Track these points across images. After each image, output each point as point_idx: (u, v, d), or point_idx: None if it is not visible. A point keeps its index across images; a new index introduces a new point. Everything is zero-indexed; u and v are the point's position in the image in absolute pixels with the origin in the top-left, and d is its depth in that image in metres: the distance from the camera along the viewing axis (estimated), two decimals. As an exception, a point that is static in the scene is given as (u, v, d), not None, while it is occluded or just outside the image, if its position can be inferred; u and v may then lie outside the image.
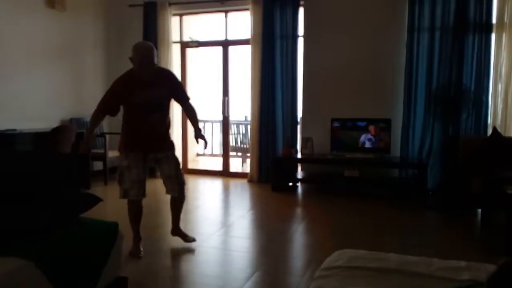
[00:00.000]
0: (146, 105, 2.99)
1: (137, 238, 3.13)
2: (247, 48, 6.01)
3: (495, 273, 1.16)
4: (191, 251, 3.18)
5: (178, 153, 4.19)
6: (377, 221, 4.15)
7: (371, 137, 5.27)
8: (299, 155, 5.65)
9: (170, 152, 3.17)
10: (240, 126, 7.67)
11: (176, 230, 3.32)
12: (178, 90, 3.22)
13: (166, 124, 3.20)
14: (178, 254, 3.16)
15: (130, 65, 3.04)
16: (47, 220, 1.87)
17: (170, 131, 3.33)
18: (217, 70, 6.57)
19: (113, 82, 3.09)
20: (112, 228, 2.14)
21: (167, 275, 2.82)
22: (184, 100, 3.24)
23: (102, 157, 5.73)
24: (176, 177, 3.12)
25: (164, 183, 3.17)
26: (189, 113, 3.27)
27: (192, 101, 3.28)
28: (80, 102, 6.10)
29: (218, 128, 8.03)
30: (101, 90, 6.43)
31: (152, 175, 6.39)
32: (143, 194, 3.05)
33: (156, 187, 5.76)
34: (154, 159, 3.13)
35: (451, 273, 1.61)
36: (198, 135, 3.21)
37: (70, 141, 4.98)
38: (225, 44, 6.42)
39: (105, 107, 3.04)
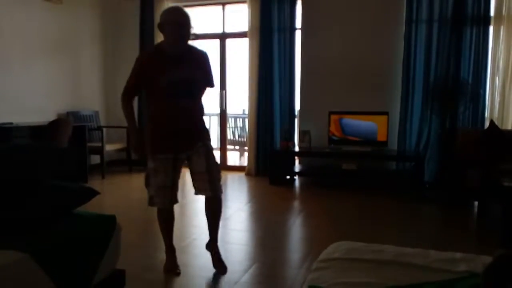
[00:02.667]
0: (176, 87, 2.46)
1: (170, 252, 2.75)
2: (245, 41, 5.99)
3: (490, 265, 1.16)
4: (188, 243, 3.19)
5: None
6: (374, 213, 4.17)
7: (369, 130, 5.27)
8: (296, 148, 5.66)
9: (201, 143, 2.61)
10: (238, 119, 7.67)
11: (212, 245, 2.78)
12: (208, 73, 2.70)
13: (198, 113, 2.66)
14: (176, 247, 3.17)
15: (126, 59, 2.94)
16: (43, 213, 1.87)
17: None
18: (214, 63, 6.55)
19: (136, 59, 2.57)
20: (109, 221, 2.14)
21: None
22: (210, 85, 2.75)
23: (99, 151, 5.72)
24: (208, 173, 2.57)
25: (193, 181, 2.65)
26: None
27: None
28: (77, 96, 6.07)
29: (215, 121, 8.02)
30: (97, 84, 6.47)
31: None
32: (170, 201, 2.61)
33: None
34: (186, 158, 2.63)
35: (447, 265, 1.62)
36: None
37: (67, 134, 4.96)
38: (222, 37, 6.39)
39: (130, 91, 2.58)
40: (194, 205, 4.35)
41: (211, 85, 2.77)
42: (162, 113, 2.53)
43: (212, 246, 2.78)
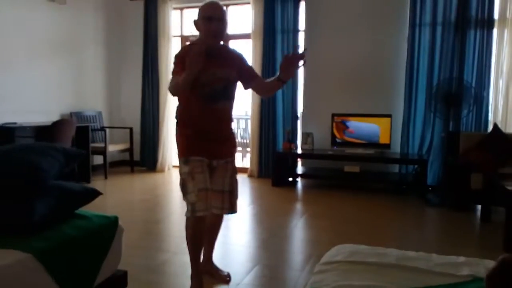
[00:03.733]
0: (212, 89, 2.29)
1: (196, 271, 2.43)
2: (248, 43, 5.99)
3: (494, 269, 1.16)
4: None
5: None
6: (377, 216, 4.16)
7: (372, 132, 5.26)
8: (299, 150, 5.65)
9: (230, 159, 2.48)
10: (241, 121, 7.68)
11: (208, 264, 2.67)
12: (245, 68, 2.48)
13: (231, 119, 2.53)
14: (178, 249, 3.17)
15: (130, 59, 2.93)
16: (45, 213, 1.87)
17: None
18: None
19: (177, 56, 2.30)
20: (111, 222, 2.14)
21: (167, 269, 2.82)
22: (254, 77, 2.52)
23: (102, 151, 5.73)
24: (230, 193, 2.46)
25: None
26: (266, 84, 2.51)
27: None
28: (80, 96, 6.09)
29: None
30: (101, 84, 6.48)
31: (153, 169, 6.41)
32: (209, 208, 2.33)
33: (155, 181, 5.78)
34: (213, 166, 2.41)
35: (450, 269, 1.61)
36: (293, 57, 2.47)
37: (70, 135, 4.98)
38: (225, 38, 6.39)
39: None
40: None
41: (256, 75, 2.55)
42: (201, 113, 2.33)
43: (210, 263, 2.68)
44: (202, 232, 2.40)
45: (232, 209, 2.50)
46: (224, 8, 2.34)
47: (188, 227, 2.39)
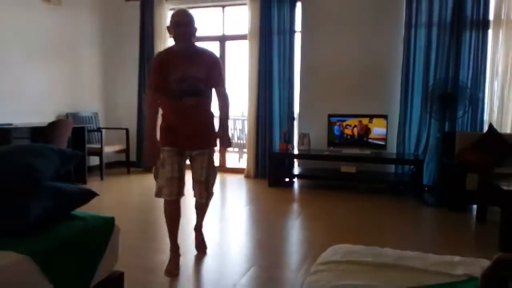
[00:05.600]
0: (180, 85, 2.59)
1: (173, 252, 2.78)
2: (244, 44, 6.00)
3: (489, 268, 1.16)
4: (187, 246, 3.18)
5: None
6: (373, 216, 4.17)
7: (368, 133, 5.28)
8: (296, 151, 5.66)
9: (207, 151, 2.78)
10: (237, 121, 7.68)
11: (197, 229, 3.09)
12: (213, 72, 2.70)
13: (205, 114, 2.78)
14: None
15: (126, 60, 3.00)
16: (41, 215, 1.87)
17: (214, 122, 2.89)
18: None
19: (154, 59, 2.73)
20: (108, 223, 2.14)
21: (163, 270, 2.82)
22: (215, 85, 2.75)
23: (98, 152, 5.72)
24: (206, 182, 2.77)
25: (192, 185, 2.82)
26: (219, 102, 2.81)
27: (227, 90, 2.85)
28: (76, 97, 6.08)
29: (215, 123, 8.01)
30: (97, 85, 6.47)
31: (149, 170, 6.39)
32: (177, 193, 2.68)
33: (151, 182, 5.74)
34: (189, 156, 2.78)
35: (446, 268, 1.62)
36: (220, 133, 2.82)
37: (66, 135, 4.97)
38: (222, 40, 6.40)
39: (157, 85, 2.64)
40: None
41: (218, 83, 2.76)
42: (169, 109, 2.68)
43: (199, 230, 3.08)
44: (174, 213, 2.74)
45: (208, 198, 2.86)
46: (192, 14, 2.64)
47: (164, 209, 2.76)
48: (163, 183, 2.66)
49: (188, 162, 2.84)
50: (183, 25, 2.57)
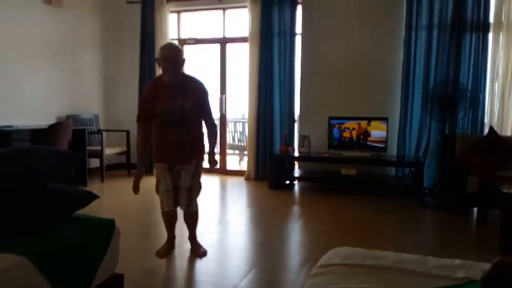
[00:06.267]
0: (168, 117, 2.85)
1: (168, 239, 3.11)
2: (245, 46, 6.00)
3: (489, 271, 1.16)
4: (187, 249, 3.18)
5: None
6: (373, 219, 4.16)
7: (368, 135, 5.28)
8: (296, 153, 5.66)
9: (194, 160, 2.98)
10: (238, 124, 7.68)
11: (191, 240, 3.17)
12: (201, 103, 2.96)
13: (192, 138, 2.99)
14: (174, 252, 3.16)
15: (126, 63, 3.03)
16: (42, 217, 1.87)
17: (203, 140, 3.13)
18: (214, 67, 6.57)
19: (143, 91, 3.04)
20: (108, 225, 2.14)
21: (164, 272, 2.82)
22: (203, 115, 3.02)
23: (99, 155, 5.72)
24: (189, 190, 2.93)
25: (180, 195, 2.99)
26: (208, 131, 3.08)
27: (213, 119, 3.10)
28: (76, 99, 6.08)
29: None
30: (98, 87, 6.48)
31: (149, 172, 6.39)
32: (173, 204, 2.96)
33: (152, 184, 5.75)
34: (179, 170, 2.98)
35: (446, 271, 1.62)
36: (210, 158, 3.05)
37: (66, 138, 4.97)
38: (222, 42, 6.41)
39: (144, 117, 2.96)
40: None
41: (205, 113, 3.01)
42: (159, 136, 2.98)
43: (191, 240, 3.15)
44: (171, 219, 3.06)
45: (189, 207, 2.95)
46: (179, 47, 2.90)
47: (162, 215, 3.05)
48: (162, 196, 2.96)
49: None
50: (170, 60, 2.78)
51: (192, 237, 3.14)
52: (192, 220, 3.09)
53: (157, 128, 2.96)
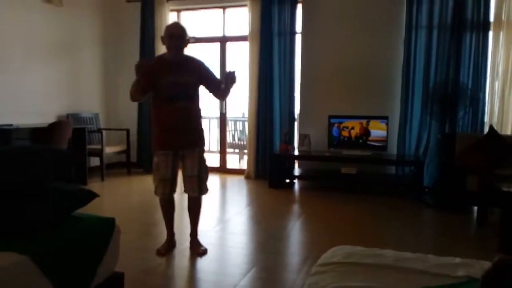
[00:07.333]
0: (172, 91, 2.87)
1: (168, 238, 3.14)
2: (245, 45, 6.00)
3: (489, 270, 1.16)
4: (187, 247, 3.18)
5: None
6: (373, 217, 4.16)
7: (368, 134, 5.28)
8: (296, 152, 5.66)
9: (197, 149, 3.01)
10: (238, 122, 7.68)
11: (192, 241, 3.15)
12: (208, 77, 3.03)
13: (194, 115, 3.02)
14: (175, 251, 3.16)
15: (126, 61, 3.04)
16: (41, 216, 1.87)
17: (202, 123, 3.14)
18: (214, 66, 6.57)
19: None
20: (108, 224, 2.14)
21: (164, 271, 2.82)
22: (215, 84, 3.03)
23: (99, 153, 5.72)
24: (198, 177, 2.99)
25: (184, 181, 3.06)
26: (221, 91, 3.05)
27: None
28: (77, 98, 6.08)
29: (215, 124, 8.03)
30: (98, 86, 6.47)
31: (150, 170, 6.40)
32: (170, 192, 3.03)
33: (152, 183, 5.75)
34: (182, 156, 3.00)
35: (446, 270, 1.62)
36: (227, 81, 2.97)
37: (66, 136, 4.96)
38: (222, 41, 6.41)
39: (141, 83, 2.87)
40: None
41: (216, 83, 3.05)
42: (163, 113, 2.94)
43: (193, 242, 3.14)
44: (168, 207, 3.11)
45: (201, 192, 3.04)
46: (184, 27, 2.92)
47: (159, 203, 3.13)
48: (158, 184, 3.00)
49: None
50: (175, 38, 2.86)
51: (194, 232, 3.15)
52: (198, 205, 3.11)
53: (159, 105, 2.93)
